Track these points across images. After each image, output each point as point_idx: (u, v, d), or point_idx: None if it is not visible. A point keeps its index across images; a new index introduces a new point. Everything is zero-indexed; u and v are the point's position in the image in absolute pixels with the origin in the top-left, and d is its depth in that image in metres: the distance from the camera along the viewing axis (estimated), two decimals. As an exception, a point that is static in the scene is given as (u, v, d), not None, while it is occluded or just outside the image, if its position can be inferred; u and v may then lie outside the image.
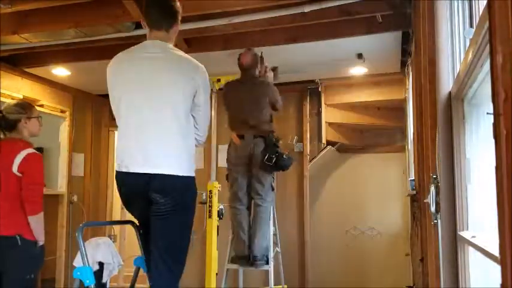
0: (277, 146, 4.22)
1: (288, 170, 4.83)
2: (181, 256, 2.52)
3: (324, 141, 5.80)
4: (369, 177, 6.25)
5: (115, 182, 2.58)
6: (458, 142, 1.73)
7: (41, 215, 3.03)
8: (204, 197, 4.96)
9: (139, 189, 2.42)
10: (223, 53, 4.60)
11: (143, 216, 2.58)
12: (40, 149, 6.05)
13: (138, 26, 4.10)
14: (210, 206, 4.82)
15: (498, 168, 0.90)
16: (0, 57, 4.61)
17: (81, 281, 2.98)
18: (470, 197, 1.68)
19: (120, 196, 2.59)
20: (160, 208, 2.41)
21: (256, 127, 4.21)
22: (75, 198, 5.85)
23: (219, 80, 5.18)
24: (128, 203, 2.59)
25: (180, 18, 2.63)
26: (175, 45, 2.66)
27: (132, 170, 2.42)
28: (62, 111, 5.79)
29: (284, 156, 4.16)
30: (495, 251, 1.00)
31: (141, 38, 4.21)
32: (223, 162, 5.96)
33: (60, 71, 5.30)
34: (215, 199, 4.84)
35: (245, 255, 4.19)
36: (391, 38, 4.26)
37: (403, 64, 4.91)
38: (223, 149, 5.99)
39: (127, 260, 5.29)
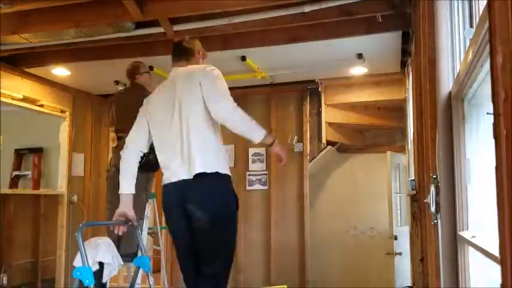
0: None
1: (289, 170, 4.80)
2: (224, 264, 2.62)
3: (324, 141, 5.80)
4: (369, 177, 6.25)
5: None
6: (458, 142, 1.73)
7: None
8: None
9: (177, 200, 2.60)
10: (223, 53, 4.60)
11: (183, 227, 2.64)
12: (40, 149, 6.07)
13: (138, 26, 4.10)
14: (210, 206, 4.82)
15: (498, 168, 0.90)
16: (0, 57, 4.61)
17: (80, 281, 2.98)
18: (470, 197, 1.68)
19: (163, 209, 2.77)
20: (198, 218, 2.54)
21: None
22: (75, 198, 5.85)
23: (219, 80, 5.17)
24: (168, 214, 2.72)
25: (196, 50, 2.98)
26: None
27: (171, 181, 2.64)
28: (62, 111, 5.79)
29: (149, 157, 4.07)
30: (495, 251, 0.99)
31: (141, 38, 4.24)
32: (223, 162, 5.98)
33: (60, 71, 5.30)
34: (215, 199, 4.84)
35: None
36: (391, 38, 4.26)
37: (403, 64, 4.91)
38: (224, 149, 6.00)
39: (127, 260, 5.28)
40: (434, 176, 1.86)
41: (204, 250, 2.59)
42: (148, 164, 3.97)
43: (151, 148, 4.09)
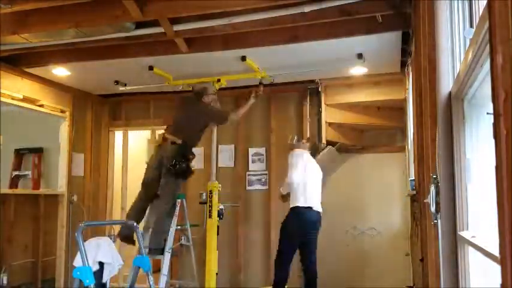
0: (186, 156, 4.67)
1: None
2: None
3: (324, 141, 5.80)
4: (369, 177, 6.25)
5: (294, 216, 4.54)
6: (458, 142, 1.73)
7: None
8: (204, 197, 4.96)
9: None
10: (223, 53, 4.60)
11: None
12: (40, 149, 6.07)
13: (138, 26, 4.11)
14: (210, 206, 4.83)
15: (498, 168, 0.90)
16: (0, 57, 4.61)
17: (81, 280, 2.99)
18: (470, 197, 1.68)
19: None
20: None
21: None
22: (75, 198, 5.85)
23: (219, 80, 5.18)
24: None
25: None
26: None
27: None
28: (62, 111, 5.79)
29: (183, 165, 4.62)
30: (495, 251, 1.00)
31: (141, 38, 4.24)
32: (223, 163, 5.98)
33: (60, 71, 5.30)
34: (215, 199, 4.85)
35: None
36: (391, 38, 4.26)
37: (403, 64, 4.91)
38: (224, 149, 6.01)
39: (127, 260, 5.28)
40: (434, 176, 1.86)
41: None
42: (183, 172, 4.67)
43: (185, 157, 4.71)
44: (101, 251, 3.59)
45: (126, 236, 4.61)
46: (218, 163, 5.75)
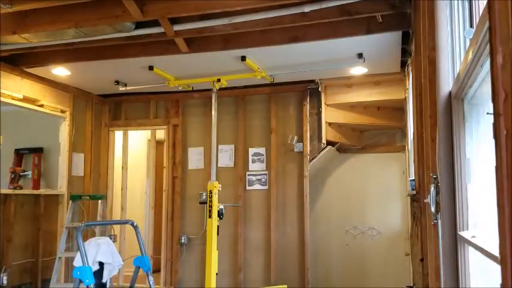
0: None
1: (289, 170, 4.82)
2: None
3: (324, 141, 5.80)
4: (369, 177, 6.25)
5: None
6: (458, 142, 1.73)
7: None
8: (204, 197, 4.96)
9: None
10: (223, 53, 4.60)
11: None
12: (40, 149, 6.07)
13: (138, 26, 4.11)
14: (210, 206, 4.83)
15: (498, 168, 0.90)
16: (0, 57, 4.61)
17: (81, 280, 2.99)
18: (470, 197, 1.68)
19: None
20: None
21: None
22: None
23: (219, 80, 5.18)
24: None
25: None
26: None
27: None
28: (62, 111, 5.79)
29: None
30: (495, 251, 0.99)
31: (141, 38, 4.24)
32: (223, 163, 5.99)
33: (60, 71, 5.30)
34: (215, 199, 4.85)
35: None
36: (391, 38, 4.26)
37: (403, 64, 4.91)
38: (224, 149, 6.01)
39: (127, 260, 5.29)
40: (435, 176, 1.86)
41: None
42: None
43: None
44: (101, 251, 3.59)
45: None
46: (218, 163, 5.75)
